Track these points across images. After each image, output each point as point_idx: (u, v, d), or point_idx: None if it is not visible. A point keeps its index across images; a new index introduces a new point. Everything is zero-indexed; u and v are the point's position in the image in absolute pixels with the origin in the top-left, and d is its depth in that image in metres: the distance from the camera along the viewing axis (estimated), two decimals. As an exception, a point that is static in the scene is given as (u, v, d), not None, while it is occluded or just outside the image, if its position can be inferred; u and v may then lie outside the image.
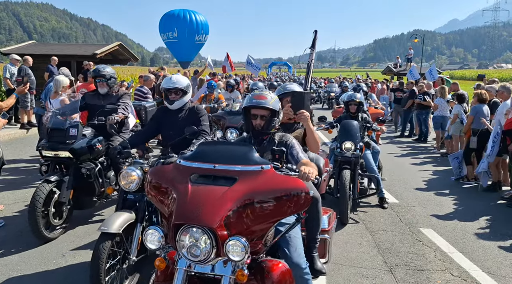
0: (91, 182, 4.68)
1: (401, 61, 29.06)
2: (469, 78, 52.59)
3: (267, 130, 2.85)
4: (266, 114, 2.83)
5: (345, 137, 5.49)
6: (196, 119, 4.07)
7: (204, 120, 4.12)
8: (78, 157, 4.60)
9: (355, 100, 5.86)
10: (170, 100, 4.05)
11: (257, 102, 2.79)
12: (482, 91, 7.41)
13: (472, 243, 4.65)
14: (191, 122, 3.97)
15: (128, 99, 5.18)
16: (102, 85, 5.07)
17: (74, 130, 4.59)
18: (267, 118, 2.83)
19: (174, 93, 4.03)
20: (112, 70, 5.20)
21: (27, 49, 15.71)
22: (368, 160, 5.74)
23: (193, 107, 4.19)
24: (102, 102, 5.09)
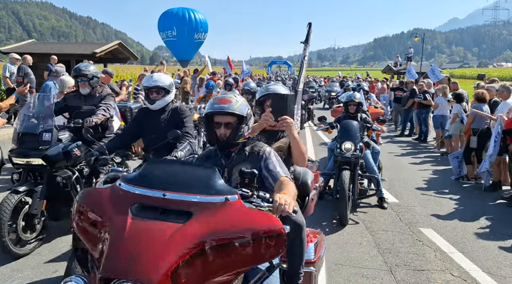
0: (68, 191, 4.26)
1: (401, 60, 29.04)
2: (469, 77, 52.54)
3: (234, 140, 2.36)
4: (232, 121, 2.35)
5: (345, 137, 5.43)
6: (179, 120, 3.84)
7: (188, 122, 3.90)
8: (53, 165, 4.21)
9: (354, 100, 5.83)
10: (151, 100, 3.84)
11: (220, 108, 2.31)
12: (482, 90, 7.40)
13: (472, 243, 4.65)
14: (174, 124, 3.74)
15: (111, 100, 4.82)
16: (84, 85, 4.71)
17: (48, 134, 4.16)
18: (233, 126, 2.35)
19: (156, 92, 3.82)
20: (95, 69, 4.87)
21: (26, 48, 15.67)
22: (368, 160, 5.68)
23: (176, 108, 3.96)
24: (84, 103, 4.73)
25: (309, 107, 13.71)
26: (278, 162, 2.35)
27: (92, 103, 4.69)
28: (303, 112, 12.85)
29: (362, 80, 19.90)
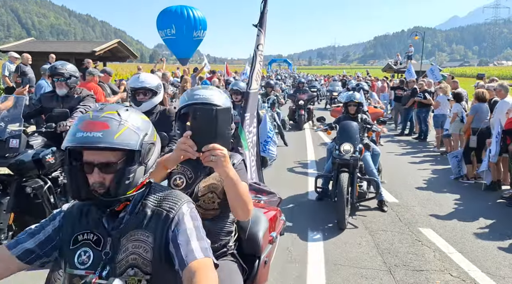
0: (39, 203, 3.84)
1: (401, 58, 29.02)
2: (469, 76, 52.53)
3: (118, 192, 1.42)
4: (113, 160, 1.42)
5: (344, 138, 5.31)
6: (167, 123, 3.58)
7: None
8: (22, 174, 3.82)
9: (354, 100, 5.75)
10: (138, 101, 3.64)
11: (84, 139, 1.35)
12: (483, 90, 7.39)
13: (471, 243, 4.65)
14: (161, 127, 3.47)
15: (91, 102, 4.45)
16: (61, 86, 4.35)
17: (15, 141, 3.74)
18: (116, 168, 1.42)
19: (142, 94, 3.63)
20: (73, 68, 4.53)
21: (25, 46, 15.66)
22: (368, 162, 5.56)
23: (164, 110, 3.76)
24: (61, 105, 4.35)
25: (308, 107, 13.60)
26: (199, 229, 1.49)
27: (69, 105, 4.32)
28: (302, 112, 12.80)
29: (362, 79, 19.84)
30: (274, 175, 7.01)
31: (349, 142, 5.25)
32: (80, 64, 14.49)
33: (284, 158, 8.52)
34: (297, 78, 30.83)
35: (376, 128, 5.88)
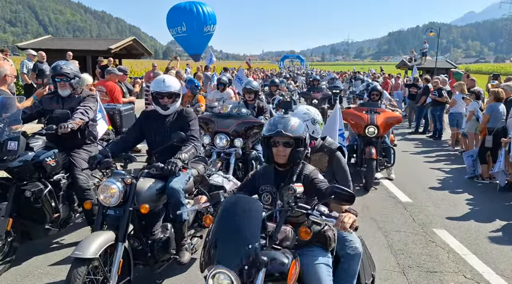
0: (39, 207, 3.72)
1: (416, 54, 28.65)
2: (485, 72, 51.60)
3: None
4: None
5: None
6: (185, 123, 3.71)
7: (194, 125, 3.76)
8: (21, 177, 3.71)
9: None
10: (163, 105, 3.68)
11: None
12: (499, 89, 7.30)
13: (486, 245, 4.62)
14: (179, 127, 3.62)
15: (91, 102, 4.24)
16: (64, 86, 4.14)
17: (14, 143, 3.58)
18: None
19: (167, 97, 3.67)
20: (76, 67, 4.35)
21: (43, 44, 15.93)
22: None
23: (181, 110, 3.81)
24: (62, 106, 4.16)
25: (322, 107, 12.05)
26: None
27: (70, 106, 4.14)
28: None
29: (376, 76, 19.63)
30: None
31: None
32: (95, 61, 14.71)
33: None
34: (309, 74, 30.37)
35: None
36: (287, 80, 17.24)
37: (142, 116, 3.86)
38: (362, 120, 6.64)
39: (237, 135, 5.58)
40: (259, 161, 5.81)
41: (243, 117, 5.73)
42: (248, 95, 6.34)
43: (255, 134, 5.82)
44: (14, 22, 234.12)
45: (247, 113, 5.86)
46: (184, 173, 3.59)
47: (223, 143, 5.59)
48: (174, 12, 14.68)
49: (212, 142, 5.68)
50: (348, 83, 22.23)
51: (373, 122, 6.59)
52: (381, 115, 6.74)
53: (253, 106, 6.30)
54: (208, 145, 5.77)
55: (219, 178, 4.12)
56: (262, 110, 6.30)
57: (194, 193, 3.90)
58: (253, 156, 5.85)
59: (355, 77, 22.28)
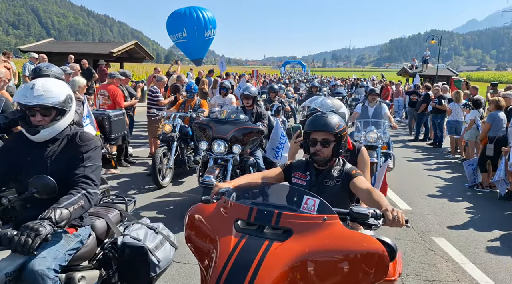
0: None
1: (417, 62, 28.72)
2: (486, 80, 51.75)
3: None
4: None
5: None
6: (76, 157, 2.37)
7: (92, 159, 2.40)
8: None
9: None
10: (32, 127, 2.33)
11: None
12: (499, 97, 7.31)
13: (485, 254, 4.60)
14: (65, 162, 2.35)
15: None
16: None
17: None
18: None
19: (40, 114, 2.33)
20: (59, 70, 4.12)
21: (45, 47, 15.98)
22: None
23: (75, 135, 2.46)
24: None
25: None
26: None
27: None
28: None
29: (376, 83, 19.65)
30: None
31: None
32: (96, 65, 14.76)
33: None
34: (309, 80, 30.18)
35: None
36: (286, 86, 16.76)
37: (13, 140, 2.56)
38: None
39: (236, 141, 5.48)
40: (257, 167, 5.71)
41: (241, 123, 5.62)
42: (246, 101, 6.19)
43: (253, 140, 5.73)
44: (17, 25, 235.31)
45: (245, 119, 5.75)
46: (69, 237, 2.32)
47: (221, 149, 5.45)
48: (174, 18, 14.70)
49: (210, 148, 5.55)
50: (349, 90, 22.21)
51: None
52: None
53: (251, 112, 6.19)
54: (205, 151, 5.65)
55: (142, 230, 2.71)
56: (260, 116, 6.16)
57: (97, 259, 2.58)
58: (251, 162, 5.71)
59: (356, 84, 22.27)
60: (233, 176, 5.46)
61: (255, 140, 5.73)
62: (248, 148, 5.76)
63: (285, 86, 16.37)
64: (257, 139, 5.70)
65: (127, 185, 6.68)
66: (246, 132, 5.56)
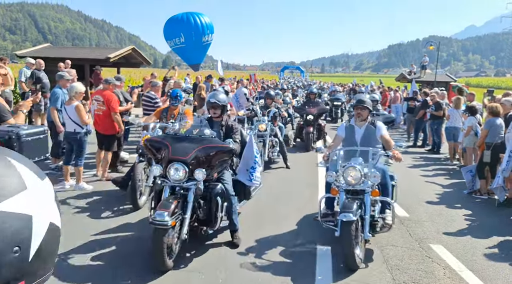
0: None
1: (415, 68, 28.80)
2: (485, 86, 51.86)
3: None
4: None
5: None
6: None
7: None
8: None
9: None
10: None
11: None
12: (496, 104, 7.29)
13: (483, 261, 4.56)
14: None
15: None
16: None
17: None
18: None
19: None
20: None
21: (42, 52, 15.94)
22: None
23: None
24: None
25: (319, 123, 11.08)
26: None
27: None
28: (310, 129, 10.53)
29: (375, 89, 19.68)
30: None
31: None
32: (93, 71, 14.73)
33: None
34: (306, 86, 30.03)
35: None
36: (284, 92, 16.78)
37: None
38: None
39: (199, 164, 4.22)
40: (225, 197, 4.54)
41: (207, 140, 4.36)
42: (213, 110, 4.94)
43: (222, 162, 4.52)
44: (14, 30, 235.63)
45: (212, 135, 4.47)
46: None
47: (179, 175, 4.20)
48: (171, 24, 14.68)
49: (165, 173, 4.27)
50: (348, 96, 22.20)
51: None
52: None
53: (220, 124, 4.97)
54: (160, 178, 4.34)
55: None
56: (231, 130, 4.93)
57: None
58: (218, 191, 4.47)
59: (354, 90, 22.25)
60: (196, 208, 4.34)
61: (224, 162, 4.56)
62: (215, 172, 4.56)
63: (283, 91, 16.31)
64: (226, 160, 4.57)
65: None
66: (213, 151, 4.29)
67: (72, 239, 4.59)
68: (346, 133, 5.12)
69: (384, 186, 4.68)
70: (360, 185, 4.37)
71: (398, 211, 6.11)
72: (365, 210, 4.34)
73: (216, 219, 4.41)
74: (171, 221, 3.79)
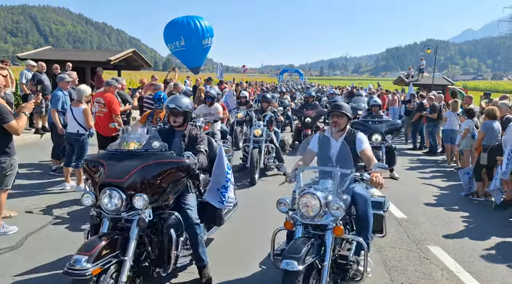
0: None
1: (413, 71, 28.91)
2: (482, 89, 52.10)
3: None
4: None
5: None
6: None
7: None
8: None
9: None
10: None
11: None
12: (493, 107, 7.37)
13: (480, 263, 4.62)
14: None
15: None
16: None
17: None
18: None
19: None
20: None
21: (43, 54, 16.00)
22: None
23: None
24: None
25: (317, 125, 10.91)
26: None
27: None
28: (309, 131, 10.40)
29: (374, 92, 19.73)
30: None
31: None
32: (94, 73, 14.79)
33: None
34: (305, 89, 29.95)
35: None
36: (283, 94, 16.33)
37: None
38: None
39: (141, 188, 3.24)
40: (181, 230, 3.60)
41: (154, 155, 3.37)
42: (172, 118, 4.00)
43: (177, 183, 3.47)
44: (15, 32, 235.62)
45: (162, 147, 3.48)
46: None
47: (113, 205, 3.19)
48: (171, 27, 14.75)
49: None
50: (346, 99, 22.22)
51: None
52: None
53: (182, 134, 4.05)
54: (94, 209, 3.32)
55: None
56: (194, 140, 4.00)
57: None
58: (171, 222, 3.49)
59: (352, 93, 22.24)
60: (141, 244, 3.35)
61: (178, 183, 3.49)
62: (169, 196, 3.50)
63: (282, 94, 16.37)
64: (181, 180, 3.49)
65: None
66: (162, 169, 3.32)
67: (73, 240, 4.64)
68: (319, 147, 4.00)
69: (362, 218, 3.67)
70: (321, 220, 3.23)
71: (396, 213, 6.18)
72: (325, 254, 3.18)
73: (169, 258, 3.41)
74: (94, 268, 2.79)
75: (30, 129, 11.29)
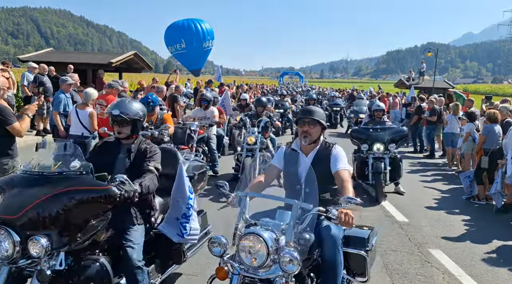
0: None
1: (414, 74, 28.96)
2: (483, 93, 52.08)
3: None
4: None
5: None
6: None
7: None
8: None
9: None
10: None
11: None
12: (494, 110, 7.38)
13: (481, 266, 4.62)
14: None
15: None
16: None
17: None
18: None
19: None
20: None
21: (44, 56, 16.03)
22: None
23: None
24: None
25: None
26: None
27: None
28: None
29: (375, 95, 19.76)
30: None
31: None
32: (95, 75, 14.81)
33: None
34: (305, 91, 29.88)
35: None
36: (284, 97, 16.18)
37: None
38: None
39: (42, 227, 2.44)
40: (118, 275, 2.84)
41: (70, 180, 2.57)
42: (118, 128, 3.17)
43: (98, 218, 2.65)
44: (16, 34, 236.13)
45: (82, 169, 2.66)
46: None
47: (4, 250, 2.41)
48: (172, 30, 14.80)
49: None
50: (347, 102, 22.23)
51: None
52: None
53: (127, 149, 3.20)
54: None
55: None
56: (144, 155, 3.17)
57: None
58: (91, 273, 2.65)
59: (353, 96, 22.24)
60: None
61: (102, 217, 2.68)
62: (91, 234, 2.64)
63: (283, 97, 16.34)
64: (105, 213, 2.69)
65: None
66: (75, 201, 2.50)
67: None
68: (285, 163, 3.17)
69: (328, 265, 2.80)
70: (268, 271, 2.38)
71: (398, 216, 6.18)
72: None
73: None
74: None
75: (32, 131, 11.30)
